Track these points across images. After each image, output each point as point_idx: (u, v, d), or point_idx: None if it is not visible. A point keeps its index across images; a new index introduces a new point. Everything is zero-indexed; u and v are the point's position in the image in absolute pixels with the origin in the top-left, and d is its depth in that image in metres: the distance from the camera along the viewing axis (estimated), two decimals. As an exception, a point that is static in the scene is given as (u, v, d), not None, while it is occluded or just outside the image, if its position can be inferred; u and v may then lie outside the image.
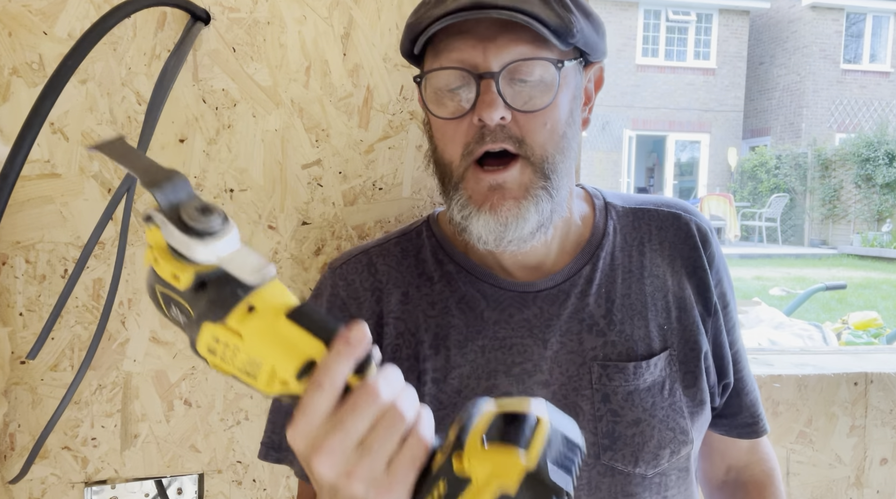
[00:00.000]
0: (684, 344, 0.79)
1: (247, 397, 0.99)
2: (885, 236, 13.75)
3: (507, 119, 0.70)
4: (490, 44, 0.69)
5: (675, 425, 0.75)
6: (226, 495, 1.00)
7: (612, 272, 0.80)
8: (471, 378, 0.76)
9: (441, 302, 0.79)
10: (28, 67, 0.89)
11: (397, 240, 0.86)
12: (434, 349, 0.78)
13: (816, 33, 16.41)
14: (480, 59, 0.70)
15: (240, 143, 0.96)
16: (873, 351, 1.43)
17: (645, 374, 0.75)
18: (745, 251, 12.98)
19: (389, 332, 0.80)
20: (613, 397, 0.75)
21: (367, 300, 0.81)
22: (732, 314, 0.85)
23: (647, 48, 17.10)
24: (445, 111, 0.73)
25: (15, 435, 0.93)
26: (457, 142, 0.72)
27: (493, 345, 0.77)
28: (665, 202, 0.86)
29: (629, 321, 0.78)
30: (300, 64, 0.96)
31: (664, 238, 0.83)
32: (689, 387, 0.78)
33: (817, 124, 16.49)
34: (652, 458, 0.74)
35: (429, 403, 0.77)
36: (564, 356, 0.76)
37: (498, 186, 0.71)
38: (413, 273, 0.82)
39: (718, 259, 0.84)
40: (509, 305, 0.78)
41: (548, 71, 0.70)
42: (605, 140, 17.03)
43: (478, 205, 0.71)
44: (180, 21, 0.92)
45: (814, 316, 6.24)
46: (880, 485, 1.27)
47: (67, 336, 0.93)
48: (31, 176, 0.91)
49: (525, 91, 0.71)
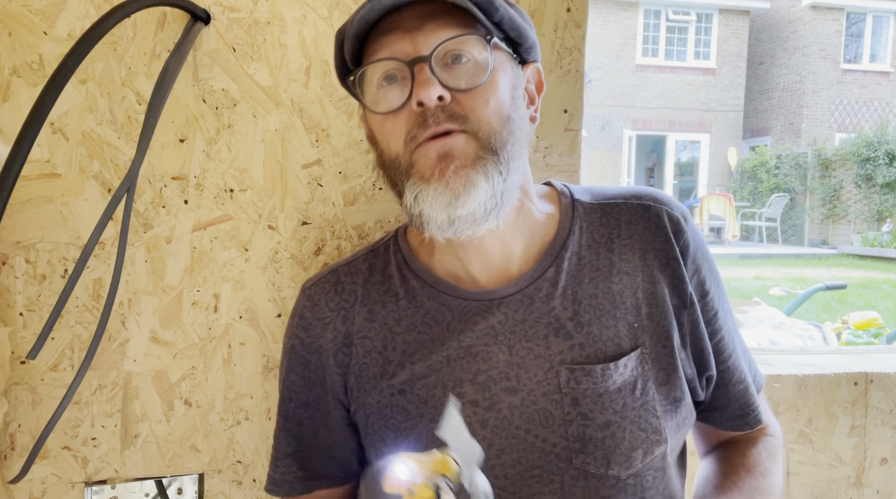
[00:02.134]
0: (656, 341, 0.77)
1: (247, 397, 0.99)
2: (885, 236, 13.75)
3: (447, 98, 0.69)
4: (417, 33, 0.70)
5: (647, 425, 0.74)
6: (226, 495, 1.00)
7: (579, 272, 0.78)
8: (437, 388, 0.76)
9: (407, 318, 0.79)
10: (28, 67, 0.89)
11: (365, 256, 0.86)
12: (401, 366, 0.78)
13: (816, 33, 16.40)
14: (410, 47, 0.70)
15: (240, 143, 0.96)
16: (873, 351, 1.43)
17: (614, 375, 0.74)
18: (745, 251, 12.98)
19: (357, 351, 0.81)
20: (583, 400, 0.73)
21: (333, 321, 0.82)
22: (713, 303, 0.82)
23: (647, 48, 17.10)
24: (385, 106, 0.72)
25: (15, 435, 0.93)
26: (398, 133, 0.72)
27: (458, 354, 0.76)
28: (635, 194, 0.83)
29: (597, 322, 0.76)
30: (300, 64, 0.96)
31: (634, 231, 0.80)
32: (663, 384, 0.76)
33: (817, 124, 16.48)
34: (624, 460, 0.73)
35: (396, 413, 0.77)
36: (531, 361, 0.75)
37: (445, 153, 0.69)
38: (380, 290, 0.82)
39: (695, 247, 0.81)
40: (474, 315, 0.77)
41: (479, 48, 0.71)
42: (605, 140, 17.02)
43: (427, 179, 0.70)
44: (180, 21, 0.92)
45: (814, 316, 6.25)
46: (880, 485, 1.27)
47: (67, 336, 0.93)
48: (31, 176, 0.91)
49: (460, 71, 0.71)
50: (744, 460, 0.85)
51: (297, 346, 0.84)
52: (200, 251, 0.96)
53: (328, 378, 0.82)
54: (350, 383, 0.81)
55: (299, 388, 0.84)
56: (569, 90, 1.04)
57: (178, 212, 0.95)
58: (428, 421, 0.76)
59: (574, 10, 1.03)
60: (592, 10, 16.36)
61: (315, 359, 0.83)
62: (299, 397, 0.84)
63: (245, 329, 0.99)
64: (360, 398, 0.80)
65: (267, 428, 1.00)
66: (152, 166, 0.94)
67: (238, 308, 0.98)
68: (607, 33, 16.59)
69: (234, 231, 0.97)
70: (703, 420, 0.87)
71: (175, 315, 0.96)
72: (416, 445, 0.76)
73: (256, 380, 1.00)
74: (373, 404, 0.79)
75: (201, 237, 0.96)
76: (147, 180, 0.94)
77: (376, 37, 0.72)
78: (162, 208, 0.95)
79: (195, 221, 0.96)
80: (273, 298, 0.99)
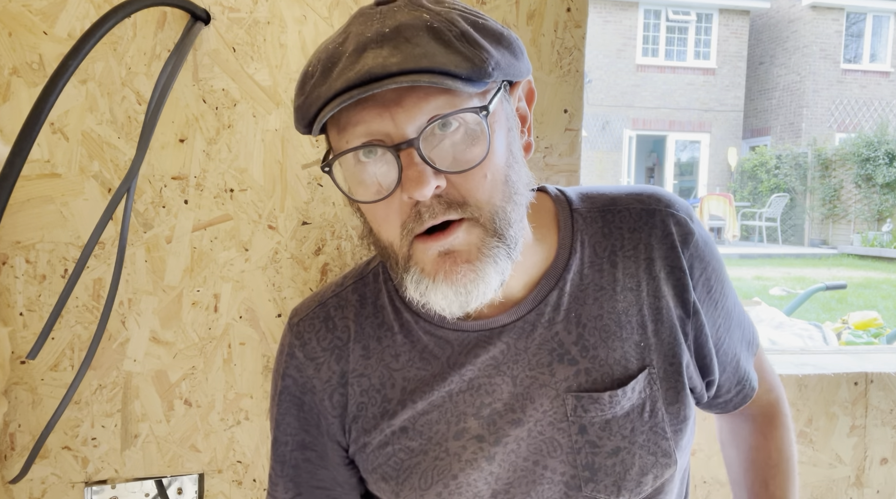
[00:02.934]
0: (664, 359, 0.74)
1: (247, 397, 0.99)
2: (885, 236, 13.75)
3: (442, 187, 0.62)
4: (397, 108, 0.60)
5: (658, 448, 0.72)
6: (226, 495, 1.00)
7: (582, 293, 0.74)
8: (440, 423, 0.73)
9: (404, 354, 0.75)
10: (28, 67, 0.89)
11: (354, 286, 0.81)
12: (401, 405, 0.74)
13: (817, 33, 16.40)
14: (391, 127, 0.61)
15: (240, 143, 0.96)
16: (873, 351, 1.43)
17: (622, 401, 0.71)
18: (745, 251, 12.98)
19: (353, 391, 0.77)
20: (590, 427, 0.71)
21: (326, 360, 0.78)
22: (718, 306, 0.79)
23: (647, 48, 17.10)
24: (369, 193, 0.64)
25: (15, 435, 0.93)
26: (392, 222, 0.65)
27: (461, 387, 0.73)
28: (636, 196, 0.77)
29: (603, 345, 0.72)
30: (300, 64, 0.96)
31: (639, 240, 0.75)
32: (672, 403, 0.74)
33: (817, 124, 16.49)
34: (635, 485, 0.71)
35: (398, 452, 0.74)
36: (536, 391, 0.72)
37: (447, 251, 0.64)
38: (373, 323, 0.77)
39: (703, 250, 0.77)
40: (475, 346, 0.73)
41: (472, 121, 0.62)
42: (605, 140, 17.02)
43: (431, 276, 0.64)
44: (180, 21, 0.92)
45: (814, 316, 6.25)
46: (880, 485, 1.27)
47: (67, 336, 0.93)
48: (31, 176, 0.91)
49: (452, 147, 0.62)
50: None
51: (291, 386, 0.79)
52: (200, 251, 0.96)
53: (323, 420, 0.78)
54: (348, 425, 0.78)
55: (294, 429, 0.80)
56: (569, 90, 1.04)
57: (178, 212, 0.95)
58: (432, 458, 0.73)
59: (574, 10, 1.03)
60: (592, 10, 16.36)
61: (309, 399, 0.79)
62: (295, 439, 0.80)
63: (245, 329, 0.98)
64: (361, 439, 0.76)
65: (267, 428, 1.00)
66: (152, 166, 0.94)
67: (238, 308, 0.98)
68: (607, 33, 16.59)
69: (234, 231, 0.97)
70: (705, 410, 0.87)
71: (175, 315, 0.96)
72: (419, 483, 0.74)
73: (256, 380, 1.00)
74: (374, 443, 0.76)
75: (201, 237, 0.96)
76: (147, 180, 0.94)
77: (348, 107, 0.62)
78: (162, 208, 0.95)
79: (195, 221, 0.96)
80: (273, 298, 0.99)
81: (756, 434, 0.89)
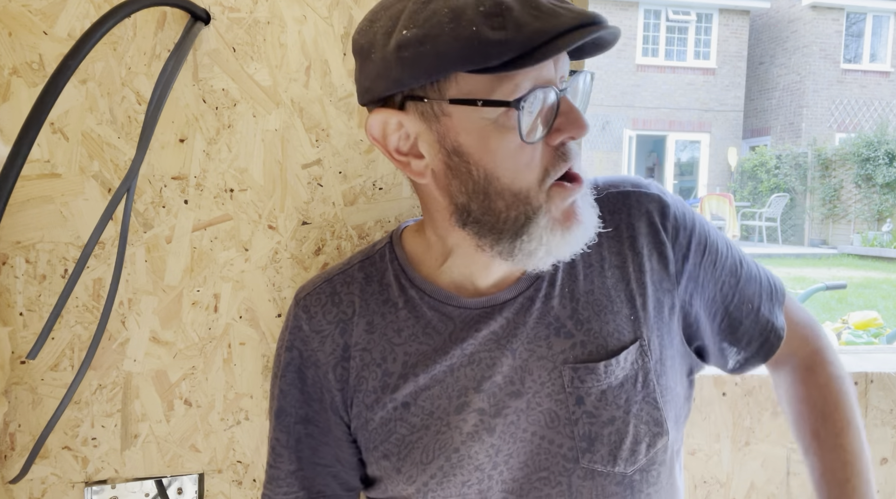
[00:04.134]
0: (653, 332, 0.78)
1: (247, 397, 0.99)
2: (885, 236, 13.76)
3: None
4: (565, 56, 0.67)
5: (650, 417, 0.75)
6: (226, 495, 1.00)
7: (573, 270, 0.78)
8: (441, 398, 0.75)
9: (407, 329, 0.78)
10: (28, 67, 0.89)
11: (360, 264, 0.84)
12: (403, 378, 0.76)
13: (816, 33, 16.41)
14: (552, 72, 0.65)
15: (240, 143, 0.96)
16: (873, 351, 1.43)
17: (616, 370, 0.74)
18: (746, 251, 12.93)
19: (355, 364, 0.79)
20: (587, 398, 0.74)
21: (331, 333, 0.80)
22: (718, 265, 0.82)
23: (647, 48, 17.10)
24: (536, 134, 0.66)
25: (15, 435, 0.93)
26: (533, 168, 0.67)
27: (461, 362, 0.75)
28: (613, 183, 0.82)
29: (596, 318, 0.76)
30: (300, 64, 0.96)
31: (619, 221, 0.80)
32: (662, 375, 0.77)
33: (817, 124, 16.49)
34: (630, 454, 0.73)
35: (400, 427, 0.76)
36: (535, 363, 0.75)
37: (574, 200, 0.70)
38: (378, 300, 0.80)
39: (682, 217, 0.81)
40: (476, 322, 0.76)
41: (586, 79, 0.70)
42: (605, 140, 17.03)
43: (562, 223, 0.68)
44: (180, 21, 0.92)
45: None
46: (880, 485, 1.27)
47: (67, 336, 0.93)
48: (31, 176, 0.91)
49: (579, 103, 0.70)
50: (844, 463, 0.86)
51: (295, 359, 0.82)
52: (200, 251, 0.96)
53: (326, 394, 0.80)
54: (350, 399, 0.79)
55: (298, 402, 0.82)
56: (569, 90, 1.04)
57: (178, 212, 0.95)
58: (434, 433, 0.75)
59: (574, 9, 1.03)
60: (592, 10, 16.31)
61: (313, 374, 0.81)
62: (298, 412, 0.82)
63: (245, 329, 0.99)
64: (363, 414, 0.78)
65: (267, 428, 1.00)
66: (152, 166, 0.94)
67: (238, 308, 0.98)
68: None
69: (234, 231, 0.97)
70: (737, 373, 0.89)
71: (175, 315, 0.96)
72: (421, 457, 0.75)
73: (256, 380, 1.00)
74: (376, 419, 0.77)
75: (201, 237, 0.96)
76: (147, 180, 0.94)
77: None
78: (162, 208, 0.95)
79: (195, 220, 0.96)
80: (273, 298, 0.99)
81: (797, 385, 0.89)
